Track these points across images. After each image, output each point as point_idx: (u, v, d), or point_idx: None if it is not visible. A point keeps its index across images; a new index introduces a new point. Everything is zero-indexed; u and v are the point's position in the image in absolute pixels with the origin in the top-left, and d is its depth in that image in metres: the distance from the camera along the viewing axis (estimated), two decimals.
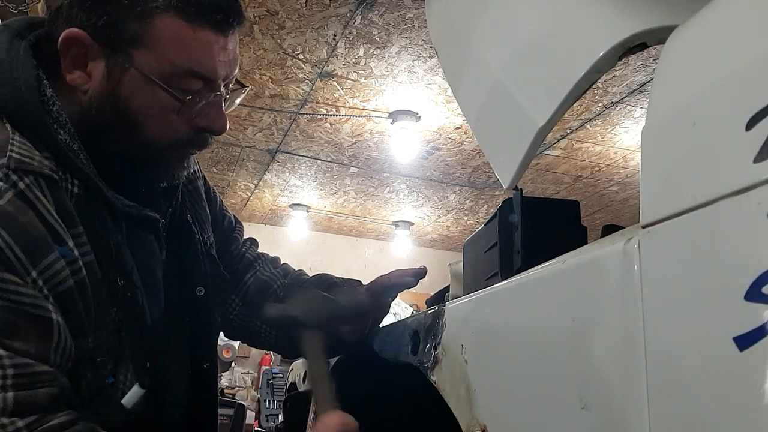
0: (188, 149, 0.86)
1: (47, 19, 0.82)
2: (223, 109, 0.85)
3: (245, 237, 1.20)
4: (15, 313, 0.67)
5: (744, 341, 0.32)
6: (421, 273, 1.04)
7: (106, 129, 0.80)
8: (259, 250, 1.21)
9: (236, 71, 0.84)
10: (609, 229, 0.60)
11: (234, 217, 1.20)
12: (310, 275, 1.18)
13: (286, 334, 1.08)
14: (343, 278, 1.13)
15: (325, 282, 1.12)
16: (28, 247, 0.68)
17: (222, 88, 0.83)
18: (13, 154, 0.72)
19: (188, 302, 0.94)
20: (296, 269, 1.20)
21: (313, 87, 3.72)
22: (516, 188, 0.69)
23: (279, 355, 6.10)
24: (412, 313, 1.94)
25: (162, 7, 0.76)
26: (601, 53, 0.56)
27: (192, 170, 1.00)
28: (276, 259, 1.20)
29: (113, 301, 0.77)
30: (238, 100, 0.89)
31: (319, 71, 3.53)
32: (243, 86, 0.89)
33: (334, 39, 3.22)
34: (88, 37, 0.77)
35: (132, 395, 0.77)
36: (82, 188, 0.77)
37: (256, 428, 4.71)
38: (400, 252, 6.71)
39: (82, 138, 0.78)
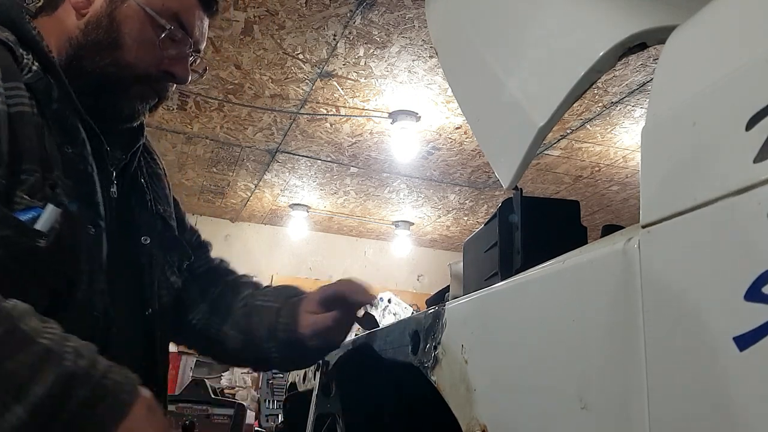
0: (151, 89, 0.95)
1: None
2: (188, 65, 0.96)
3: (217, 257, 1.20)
4: None
5: (744, 341, 0.32)
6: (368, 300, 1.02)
7: (94, 45, 0.90)
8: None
9: (202, 48, 0.99)
10: (609, 229, 0.60)
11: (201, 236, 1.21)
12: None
13: (254, 342, 1.06)
14: (301, 296, 1.09)
15: (284, 293, 1.10)
16: None
17: (192, 47, 0.96)
18: None
19: (132, 248, 0.95)
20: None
21: (313, 87, 3.72)
22: (516, 188, 0.69)
23: None
24: (412, 313, 1.95)
25: None
26: (601, 53, 0.56)
27: (154, 151, 1.10)
28: (256, 282, 1.18)
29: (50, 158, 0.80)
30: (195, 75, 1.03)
31: (319, 71, 3.54)
32: (200, 74, 1.05)
33: (334, 39, 3.22)
34: None
35: (47, 215, 0.76)
36: (41, 70, 0.84)
37: (256, 428, 4.71)
38: (400, 252, 6.71)
39: (68, 59, 0.89)
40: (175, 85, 0.99)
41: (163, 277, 0.98)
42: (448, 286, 1.04)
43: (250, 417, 4.41)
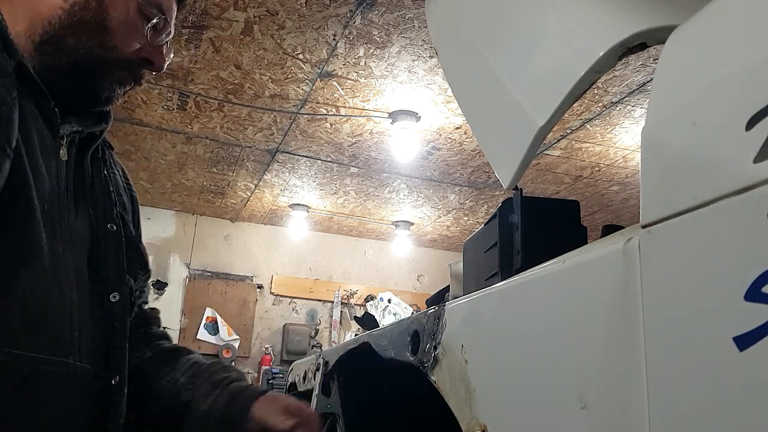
0: (130, 74, 0.98)
1: None
2: (164, 53, 1.00)
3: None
4: None
5: (744, 341, 0.32)
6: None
7: (80, 26, 0.91)
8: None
9: (171, 36, 1.02)
10: (609, 229, 0.60)
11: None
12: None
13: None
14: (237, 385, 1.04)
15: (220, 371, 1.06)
16: None
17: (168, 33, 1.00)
18: None
19: (93, 226, 0.93)
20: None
21: (313, 87, 3.72)
22: (516, 188, 0.69)
23: (279, 356, 6.11)
24: (412, 313, 1.95)
25: None
26: (601, 53, 0.56)
27: (118, 165, 1.10)
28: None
29: None
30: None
31: (319, 71, 3.54)
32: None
33: (334, 39, 3.22)
34: None
35: None
36: None
37: None
38: (400, 252, 6.71)
39: (45, 36, 0.90)
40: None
41: (123, 261, 0.95)
42: (448, 286, 1.04)
43: None
